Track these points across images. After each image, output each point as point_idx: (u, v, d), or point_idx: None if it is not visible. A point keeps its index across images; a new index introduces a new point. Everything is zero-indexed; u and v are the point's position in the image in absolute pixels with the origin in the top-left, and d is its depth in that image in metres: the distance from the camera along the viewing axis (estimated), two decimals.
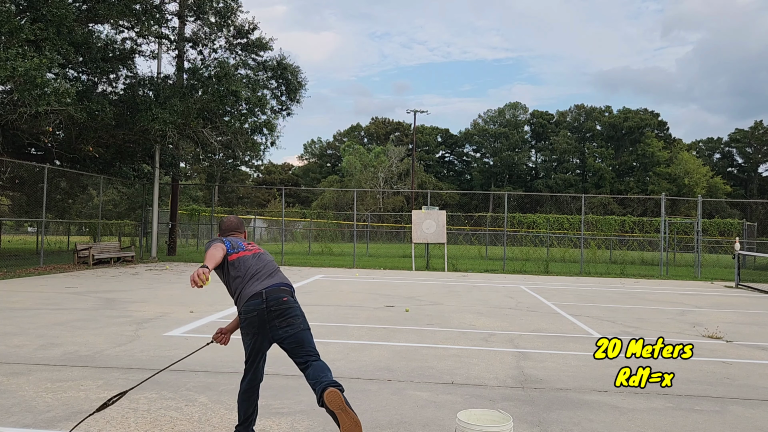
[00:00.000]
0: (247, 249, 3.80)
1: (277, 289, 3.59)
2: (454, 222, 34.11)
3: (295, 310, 3.61)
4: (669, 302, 12.36)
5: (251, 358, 3.62)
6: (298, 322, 3.59)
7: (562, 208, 58.62)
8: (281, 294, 3.57)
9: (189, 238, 32.93)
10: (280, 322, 3.53)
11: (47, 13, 15.24)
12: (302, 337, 3.57)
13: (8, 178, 20.18)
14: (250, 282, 3.62)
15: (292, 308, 3.58)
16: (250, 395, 3.69)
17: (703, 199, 21.35)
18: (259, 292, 3.54)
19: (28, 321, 7.88)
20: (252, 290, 3.56)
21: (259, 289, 3.55)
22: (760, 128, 74.30)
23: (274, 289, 3.58)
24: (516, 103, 79.65)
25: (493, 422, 3.48)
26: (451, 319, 9.07)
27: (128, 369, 5.50)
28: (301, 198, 68.10)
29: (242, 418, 3.72)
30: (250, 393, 3.69)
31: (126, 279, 14.01)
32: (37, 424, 4.01)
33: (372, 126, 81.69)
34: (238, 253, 3.74)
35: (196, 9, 20.94)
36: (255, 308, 3.51)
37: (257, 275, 3.65)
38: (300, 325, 3.59)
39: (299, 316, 3.61)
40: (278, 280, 3.67)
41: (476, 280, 16.36)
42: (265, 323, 3.52)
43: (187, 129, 19.32)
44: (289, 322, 3.56)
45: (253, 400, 3.72)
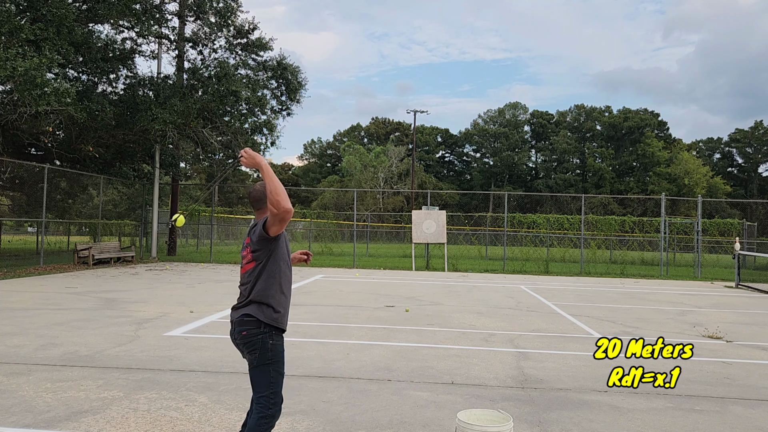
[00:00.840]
0: (243, 263, 3.38)
1: (240, 321, 3.23)
2: (454, 222, 34.11)
3: (249, 346, 3.20)
4: (669, 302, 12.36)
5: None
6: (250, 359, 3.24)
7: (562, 208, 58.61)
8: (241, 327, 3.22)
9: (189, 238, 32.93)
10: (243, 352, 3.29)
11: (47, 13, 15.24)
12: (251, 376, 3.26)
13: (8, 178, 20.17)
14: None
15: (246, 343, 3.21)
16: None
17: (703, 199, 21.35)
18: (232, 320, 3.31)
19: (28, 321, 7.88)
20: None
21: (232, 317, 3.32)
22: (760, 128, 74.30)
23: (236, 321, 3.26)
24: (516, 103, 79.68)
25: (493, 422, 3.48)
26: (451, 319, 9.07)
27: (128, 369, 5.50)
28: (301, 198, 68.09)
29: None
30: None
31: (126, 279, 14.01)
32: (37, 424, 4.01)
33: (372, 126, 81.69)
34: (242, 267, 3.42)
35: (196, 9, 20.94)
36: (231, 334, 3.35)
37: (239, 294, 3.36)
38: (252, 362, 3.23)
39: (255, 351, 3.20)
40: (240, 312, 3.30)
41: (476, 280, 16.36)
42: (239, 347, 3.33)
43: (187, 129, 19.32)
44: (246, 356, 3.27)
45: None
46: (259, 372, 3.19)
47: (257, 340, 3.17)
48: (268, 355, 3.19)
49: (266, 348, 3.18)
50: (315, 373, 5.55)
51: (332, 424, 4.16)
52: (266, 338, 3.18)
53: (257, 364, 3.18)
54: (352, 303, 10.64)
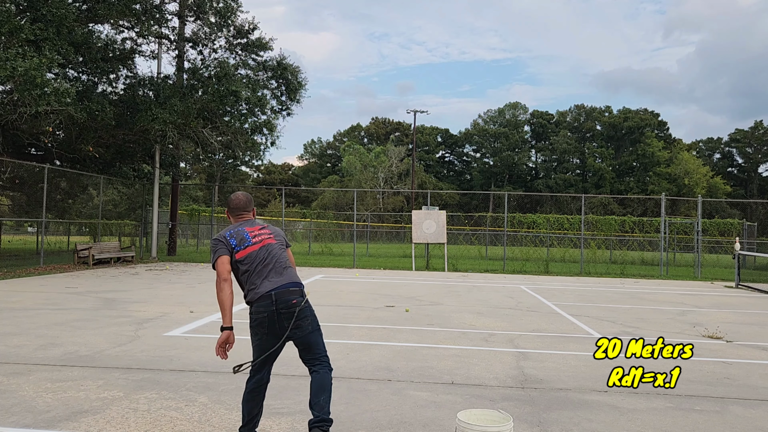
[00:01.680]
0: (254, 242, 3.67)
1: (287, 291, 3.55)
2: (454, 222, 34.11)
3: (304, 311, 3.59)
4: (669, 302, 12.36)
5: (259, 357, 3.58)
6: (306, 324, 3.59)
7: (562, 208, 58.62)
8: (290, 296, 3.54)
9: (189, 238, 32.93)
10: (289, 324, 3.52)
11: (47, 13, 15.24)
12: (309, 341, 3.61)
13: (8, 178, 20.17)
14: (259, 279, 3.57)
15: (302, 310, 3.56)
16: (256, 395, 3.65)
17: (703, 199, 21.35)
18: (268, 293, 3.51)
19: (28, 321, 7.88)
20: (261, 290, 3.53)
21: (268, 289, 3.52)
22: (760, 128, 74.30)
23: (283, 291, 3.54)
24: (516, 103, 79.68)
25: (493, 422, 3.48)
26: (451, 319, 9.07)
27: (128, 369, 5.50)
28: (301, 198, 68.08)
29: (246, 419, 3.68)
30: (255, 393, 3.65)
31: (126, 279, 14.01)
32: (37, 424, 4.01)
33: (372, 126, 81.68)
34: (245, 249, 3.63)
35: (196, 9, 20.94)
36: (265, 310, 3.50)
37: (265, 272, 3.59)
38: (308, 327, 3.60)
39: (308, 317, 3.61)
40: (287, 279, 3.61)
41: (476, 280, 16.36)
42: (274, 324, 3.51)
43: (187, 129, 19.32)
44: (298, 324, 3.56)
45: (258, 401, 3.68)
46: (318, 333, 3.69)
47: (308, 306, 3.67)
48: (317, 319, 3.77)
49: (314, 313, 3.73)
50: None
51: (333, 424, 4.15)
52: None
53: (314, 328, 3.66)
54: (352, 303, 10.64)
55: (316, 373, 3.60)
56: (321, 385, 3.53)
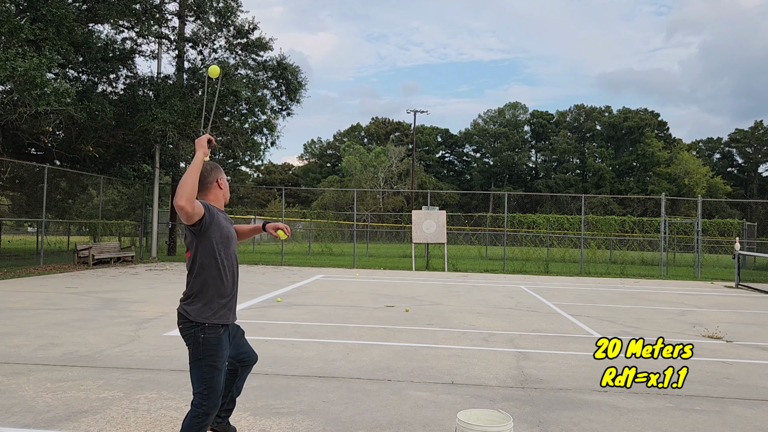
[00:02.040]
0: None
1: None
2: (454, 222, 34.11)
3: (187, 338, 3.21)
4: (669, 302, 12.36)
5: None
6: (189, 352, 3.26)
7: (562, 208, 58.61)
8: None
9: None
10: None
11: (47, 13, 15.24)
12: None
13: (8, 178, 20.17)
14: None
15: (185, 336, 3.24)
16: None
17: (703, 199, 21.34)
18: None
19: (28, 321, 7.88)
20: None
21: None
22: (760, 128, 74.30)
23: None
24: (516, 103, 79.70)
25: (493, 422, 3.48)
26: (451, 319, 9.07)
27: (128, 369, 5.50)
28: (301, 198, 68.10)
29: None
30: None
31: (126, 279, 14.01)
32: (37, 424, 4.01)
33: (372, 126, 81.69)
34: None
35: (196, 9, 20.95)
36: None
37: None
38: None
39: (190, 345, 3.21)
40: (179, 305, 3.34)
41: (476, 280, 16.36)
42: None
43: (187, 129, 19.32)
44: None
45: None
46: (192, 366, 3.17)
47: (185, 335, 3.18)
48: (200, 349, 3.15)
49: (191, 342, 3.17)
50: (315, 373, 5.55)
51: (332, 424, 4.16)
52: (198, 332, 3.16)
53: (189, 359, 3.19)
54: (352, 303, 10.64)
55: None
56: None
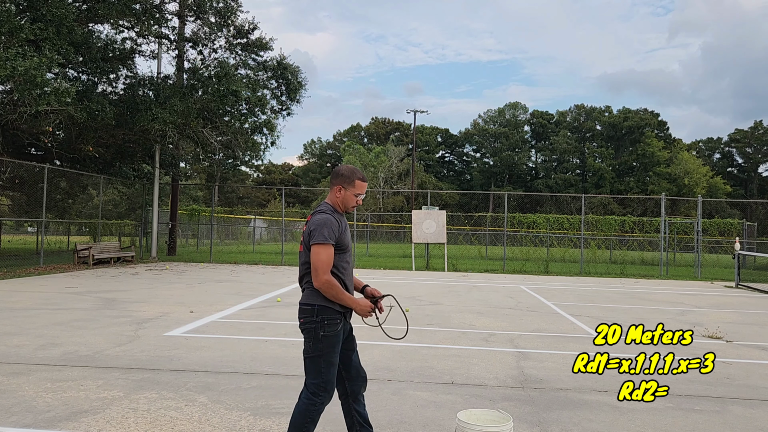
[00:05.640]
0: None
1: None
2: (454, 222, 34.11)
3: (307, 333, 3.33)
4: (669, 302, 12.36)
5: None
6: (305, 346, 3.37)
7: (562, 208, 58.62)
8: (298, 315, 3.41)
9: (189, 238, 32.93)
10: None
11: (47, 13, 15.24)
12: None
13: (8, 178, 20.17)
14: None
15: (304, 330, 3.35)
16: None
17: (703, 199, 21.34)
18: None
19: (28, 321, 7.88)
20: None
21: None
22: (759, 128, 74.30)
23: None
24: (516, 103, 79.68)
25: (493, 422, 3.48)
26: (451, 319, 9.07)
27: (128, 369, 5.50)
28: (301, 198, 68.10)
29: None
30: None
31: (126, 279, 14.01)
32: (37, 423, 4.01)
33: (372, 126, 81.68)
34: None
35: (196, 9, 20.93)
36: None
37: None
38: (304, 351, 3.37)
39: (309, 340, 3.33)
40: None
41: (476, 280, 16.36)
42: None
43: (187, 129, 19.32)
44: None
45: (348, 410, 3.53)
46: (307, 360, 3.33)
47: (305, 328, 3.35)
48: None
49: (308, 336, 3.35)
50: None
51: (332, 424, 4.15)
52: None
53: (305, 354, 3.36)
54: None
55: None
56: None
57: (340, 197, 3.37)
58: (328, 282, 3.18)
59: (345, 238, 3.33)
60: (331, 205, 3.38)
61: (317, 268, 3.18)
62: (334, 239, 3.22)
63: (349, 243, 3.41)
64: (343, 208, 3.41)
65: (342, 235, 3.30)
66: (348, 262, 3.39)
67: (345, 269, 3.36)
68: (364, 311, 3.32)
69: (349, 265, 3.41)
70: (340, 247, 3.30)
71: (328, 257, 3.19)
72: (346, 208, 3.41)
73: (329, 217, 3.26)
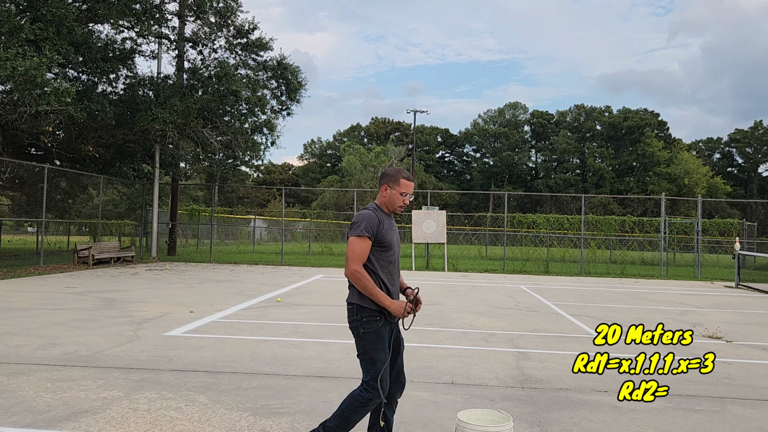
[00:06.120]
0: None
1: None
2: (454, 222, 34.11)
3: (352, 331, 3.43)
4: (669, 302, 12.36)
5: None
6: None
7: (562, 208, 58.62)
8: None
9: (189, 238, 32.93)
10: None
11: (47, 13, 15.23)
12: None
13: (8, 178, 20.17)
14: None
15: (351, 329, 3.43)
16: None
17: (703, 199, 21.34)
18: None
19: (28, 321, 7.88)
20: None
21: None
22: (759, 128, 74.29)
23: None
24: (516, 103, 79.69)
25: (493, 422, 3.48)
26: (451, 319, 9.07)
27: (128, 369, 5.50)
28: (301, 198, 68.11)
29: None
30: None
31: (126, 279, 14.01)
32: (37, 423, 4.01)
33: (372, 126, 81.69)
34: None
35: (196, 9, 20.93)
36: None
37: None
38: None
39: (354, 337, 3.41)
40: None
41: (476, 280, 16.36)
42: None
43: (187, 129, 19.31)
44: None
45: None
46: (360, 357, 3.38)
47: (352, 327, 3.43)
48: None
49: (358, 335, 3.41)
50: (315, 373, 5.55)
51: None
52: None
53: (357, 351, 3.44)
54: None
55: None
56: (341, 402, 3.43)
57: (387, 196, 3.43)
58: (356, 272, 3.24)
59: (387, 236, 3.36)
60: (378, 204, 3.46)
61: (348, 257, 3.27)
62: (371, 233, 3.28)
63: (393, 242, 3.41)
64: (390, 208, 3.45)
65: (384, 233, 3.34)
66: (390, 262, 3.41)
67: (385, 268, 3.39)
68: (399, 311, 3.32)
69: (391, 265, 3.42)
70: (380, 243, 3.33)
71: (360, 249, 3.25)
72: (394, 208, 3.45)
73: (371, 213, 3.34)
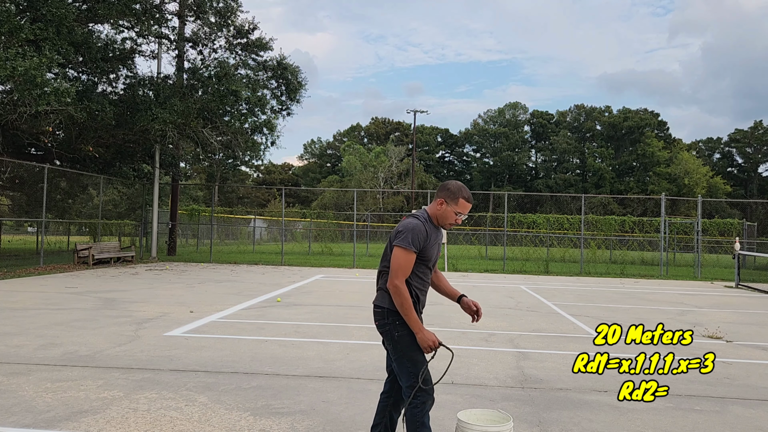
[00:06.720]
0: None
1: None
2: None
3: (384, 335, 3.35)
4: (669, 302, 12.36)
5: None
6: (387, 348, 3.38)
7: (562, 208, 58.62)
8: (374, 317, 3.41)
9: (189, 238, 32.93)
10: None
11: (47, 13, 15.23)
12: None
13: (8, 178, 20.17)
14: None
15: (381, 333, 3.36)
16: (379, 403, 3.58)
17: (703, 199, 21.34)
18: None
19: (28, 321, 7.88)
20: None
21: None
22: (759, 128, 74.29)
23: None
24: (516, 103, 79.71)
25: (493, 422, 3.48)
26: (451, 319, 9.07)
27: (128, 369, 5.50)
28: (301, 198, 68.12)
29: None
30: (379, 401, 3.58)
31: (126, 279, 14.01)
32: (37, 424, 4.01)
33: (372, 126, 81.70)
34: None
35: (196, 9, 20.93)
36: None
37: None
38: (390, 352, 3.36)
39: (387, 342, 3.34)
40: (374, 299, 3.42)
41: (476, 280, 16.36)
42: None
43: (187, 129, 19.31)
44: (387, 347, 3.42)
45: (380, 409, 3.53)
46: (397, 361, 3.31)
47: (385, 330, 3.33)
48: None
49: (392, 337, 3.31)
50: (315, 373, 5.55)
51: (332, 424, 4.16)
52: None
53: (393, 356, 3.36)
54: (352, 303, 10.64)
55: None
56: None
57: (441, 211, 3.30)
58: (398, 288, 3.14)
59: (430, 251, 3.28)
60: (429, 214, 3.34)
61: (394, 270, 3.17)
62: (418, 247, 3.19)
63: (433, 256, 3.34)
64: (440, 222, 3.34)
65: (428, 247, 3.26)
66: (425, 273, 3.34)
67: (419, 277, 3.31)
68: (424, 344, 3.21)
69: (425, 275, 3.35)
70: (422, 257, 3.25)
71: (406, 262, 3.16)
72: (443, 224, 3.34)
73: (419, 225, 3.22)
